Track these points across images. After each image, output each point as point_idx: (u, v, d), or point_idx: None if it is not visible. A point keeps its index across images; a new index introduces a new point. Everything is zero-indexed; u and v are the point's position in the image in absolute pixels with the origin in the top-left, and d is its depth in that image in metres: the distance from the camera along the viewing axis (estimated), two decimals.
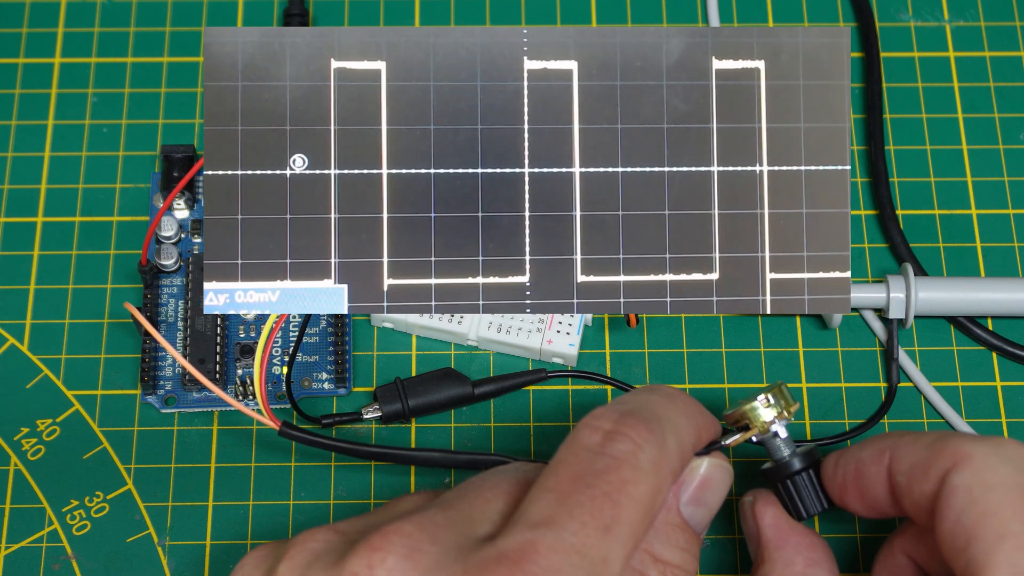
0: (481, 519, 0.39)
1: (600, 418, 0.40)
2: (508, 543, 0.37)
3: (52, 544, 0.48)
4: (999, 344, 0.52)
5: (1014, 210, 0.55)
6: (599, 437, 0.40)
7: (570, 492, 0.38)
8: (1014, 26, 0.59)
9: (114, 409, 0.50)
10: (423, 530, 0.38)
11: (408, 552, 0.37)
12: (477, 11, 0.59)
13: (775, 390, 0.44)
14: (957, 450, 0.40)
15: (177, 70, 0.57)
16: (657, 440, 0.40)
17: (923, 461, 0.41)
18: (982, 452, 0.40)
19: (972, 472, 0.39)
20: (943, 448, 0.40)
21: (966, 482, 0.39)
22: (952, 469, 0.40)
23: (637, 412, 0.40)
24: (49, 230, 0.54)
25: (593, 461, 0.39)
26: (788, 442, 0.45)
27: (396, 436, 0.50)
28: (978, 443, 0.40)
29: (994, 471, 0.39)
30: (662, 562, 0.41)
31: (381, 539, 0.37)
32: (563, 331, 0.51)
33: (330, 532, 0.40)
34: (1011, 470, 0.39)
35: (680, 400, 0.42)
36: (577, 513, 0.38)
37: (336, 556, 0.38)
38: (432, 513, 0.39)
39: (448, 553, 0.37)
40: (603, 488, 0.38)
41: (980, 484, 0.39)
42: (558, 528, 0.37)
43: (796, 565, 0.43)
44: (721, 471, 0.43)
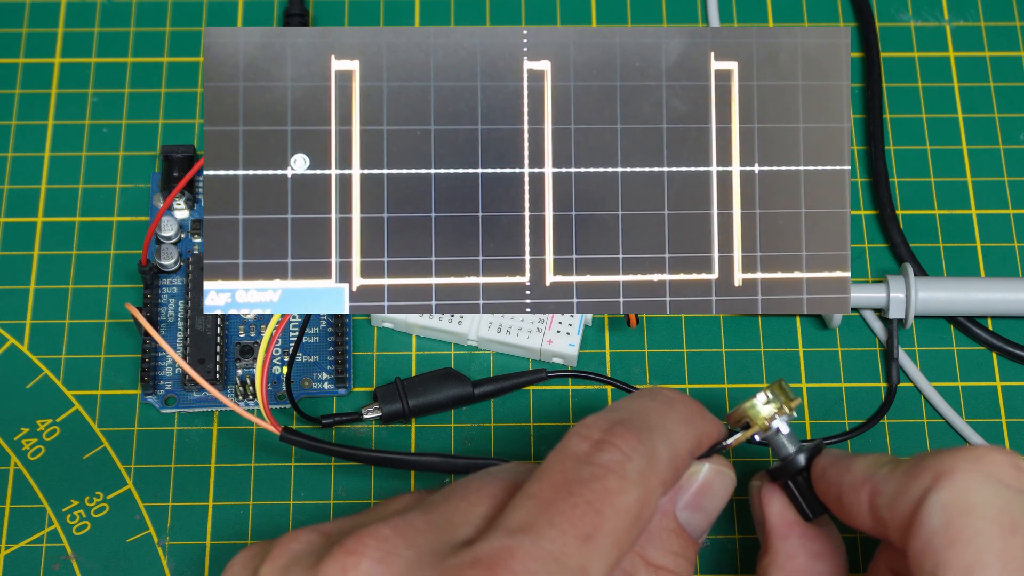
0: (463, 522, 0.39)
1: (590, 427, 0.40)
2: (484, 548, 0.36)
3: (52, 544, 0.48)
4: (999, 344, 0.52)
5: (1014, 210, 0.55)
6: (587, 446, 0.39)
7: (552, 499, 0.38)
8: (1014, 26, 0.59)
9: (114, 409, 0.51)
10: (399, 534, 0.37)
11: (382, 556, 0.37)
12: (477, 11, 0.59)
13: (774, 386, 0.43)
14: (938, 466, 0.38)
15: (177, 70, 0.57)
16: (646, 450, 0.39)
17: (903, 488, 0.39)
18: (964, 468, 0.38)
19: (951, 490, 0.37)
20: (923, 468, 0.38)
21: (943, 501, 0.37)
22: (931, 488, 0.38)
23: (628, 421, 0.40)
24: (49, 230, 0.54)
25: (579, 470, 0.38)
26: (792, 438, 0.44)
27: (396, 436, 0.50)
28: (960, 457, 0.38)
29: (975, 491, 0.37)
30: (654, 566, 0.40)
31: (356, 543, 0.37)
32: (563, 331, 0.51)
33: (313, 533, 0.40)
34: (992, 491, 0.37)
35: (680, 406, 0.41)
36: (557, 521, 0.37)
37: (315, 558, 0.38)
38: (412, 516, 0.38)
39: (423, 557, 0.37)
40: (586, 497, 0.37)
41: (958, 506, 0.37)
42: (536, 535, 0.37)
43: (799, 558, 0.42)
44: (722, 477, 0.42)
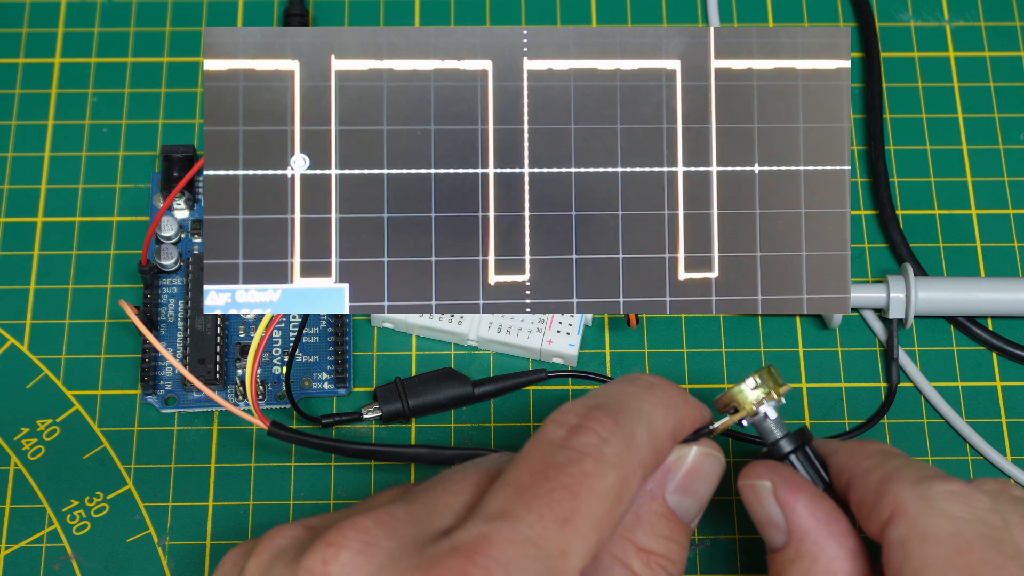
0: (444, 512, 0.39)
1: (567, 413, 0.40)
2: (462, 536, 0.37)
3: (52, 544, 0.48)
4: (999, 344, 0.52)
5: (1014, 210, 0.55)
6: (564, 431, 0.39)
7: (529, 485, 0.38)
8: (1014, 26, 0.59)
9: (114, 409, 0.51)
10: (380, 525, 0.37)
11: (362, 547, 0.37)
12: (477, 11, 0.59)
13: (763, 371, 0.43)
14: (893, 501, 0.40)
15: (177, 70, 0.57)
16: (624, 433, 0.39)
17: (869, 501, 0.40)
18: (914, 506, 0.39)
19: (906, 526, 0.39)
20: (882, 496, 0.40)
21: (901, 536, 0.39)
22: (888, 522, 0.39)
23: (605, 406, 0.40)
24: (49, 230, 0.54)
25: (556, 455, 0.38)
26: (779, 424, 0.43)
27: (396, 436, 0.50)
28: (911, 493, 0.40)
29: (926, 523, 0.39)
30: (645, 551, 0.40)
31: (336, 535, 0.37)
32: (563, 331, 0.51)
33: (298, 528, 0.40)
34: (943, 521, 0.39)
35: (660, 390, 0.41)
36: (535, 506, 0.37)
37: (299, 552, 0.38)
38: (394, 508, 0.38)
39: (404, 547, 0.37)
40: (563, 481, 0.38)
41: (914, 537, 0.39)
42: (514, 520, 0.37)
43: (840, 560, 0.41)
44: (710, 460, 0.42)
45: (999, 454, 0.50)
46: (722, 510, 0.49)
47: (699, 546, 0.49)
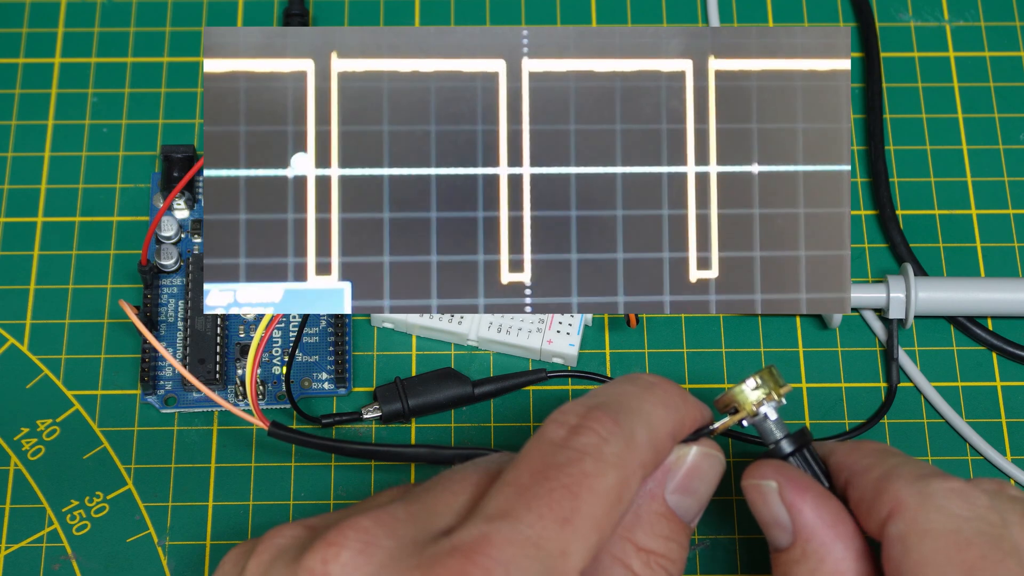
0: (445, 512, 0.39)
1: (567, 413, 0.40)
2: (462, 536, 0.37)
3: (52, 544, 0.48)
4: (999, 344, 0.52)
5: (1014, 210, 0.55)
6: (564, 431, 0.39)
7: (529, 485, 0.38)
8: (1014, 26, 0.59)
9: (114, 409, 0.51)
10: (380, 524, 0.37)
11: (363, 547, 0.37)
12: (477, 11, 0.59)
13: (764, 372, 0.43)
14: (893, 498, 0.40)
15: (177, 70, 0.57)
16: (624, 433, 0.39)
17: (868, 499, 0.41)
18: (914, 502, 0.39)
19: (905, 522, 0.39)
20: (882, 493, 0.40)
21: (900, 532, 0.39)
22: (888, 519, 0.40)
23: (605, 405, 0.40)
24: (49, 230, 0.54)
25: (555, 455, 0.38)
26: (780, 424, 0.43)
27: (396, 436, 0.50)
28: (911, 490, 0.40)
29: (926, 519, 0.39)
30: (645, 551, 0.40)
31: (337, 534, 0.37)
32: (563, 331, 0.51)
33: (298, 527, 0.40)
34: (942, 517, 0.39)
35: (659, 389, 0.41)
36: (535, 505, 0.37)
37: (299, 552, 0.38)
38: (394, 508, 0.38)
39: (404, 547, 0.37)
40: (563, 481, 0.38)
41: (914, 533, 0.39)
42: (514, 520, 0.37)
43: (847, 560, 0.41)
44: (710, 459, 0.42)
45: (999, 454, 0.50)
46: (722, 510, 0.49)
47: (699, 546, 0.49)
